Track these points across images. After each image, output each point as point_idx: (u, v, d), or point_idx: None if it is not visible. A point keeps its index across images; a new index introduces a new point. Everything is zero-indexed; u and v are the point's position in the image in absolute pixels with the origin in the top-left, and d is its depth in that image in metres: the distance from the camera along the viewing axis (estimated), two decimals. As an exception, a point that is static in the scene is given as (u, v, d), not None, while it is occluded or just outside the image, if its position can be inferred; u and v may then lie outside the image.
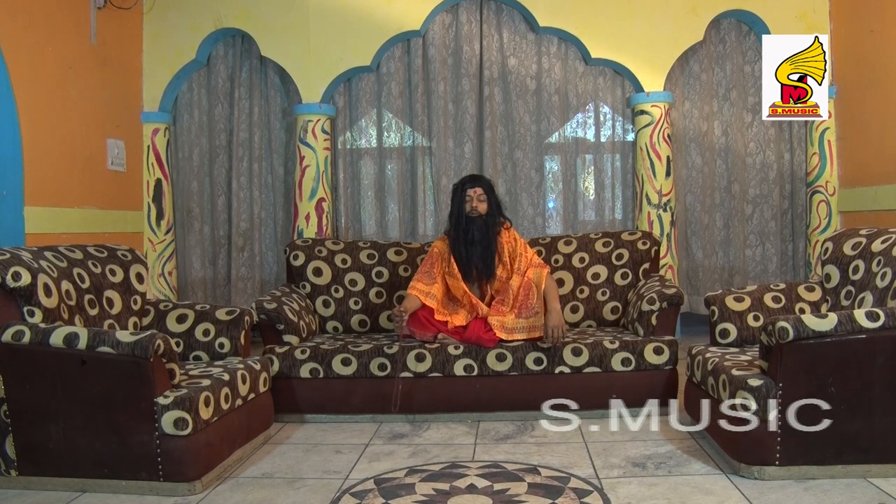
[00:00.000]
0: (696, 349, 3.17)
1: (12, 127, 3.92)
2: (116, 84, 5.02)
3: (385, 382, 3.41)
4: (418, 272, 3.63)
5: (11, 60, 3.90)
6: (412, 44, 5.39)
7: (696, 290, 5.38)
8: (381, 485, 2.58)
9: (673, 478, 2.61)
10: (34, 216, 3.96)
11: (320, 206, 5.23)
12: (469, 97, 5.38)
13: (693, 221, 5.43)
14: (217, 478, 2.70)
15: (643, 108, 5.16)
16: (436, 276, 3.60)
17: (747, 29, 5.33)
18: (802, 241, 5.36)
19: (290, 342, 3.56)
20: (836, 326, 2.43)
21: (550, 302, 3.44)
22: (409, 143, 5.49)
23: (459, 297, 3.62)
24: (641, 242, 4.03)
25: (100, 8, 4.73)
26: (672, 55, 5.16)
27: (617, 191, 5.49)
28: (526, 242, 3.75)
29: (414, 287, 3.57)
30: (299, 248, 4.10)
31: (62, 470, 2.57)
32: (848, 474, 2.49)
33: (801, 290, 3.25)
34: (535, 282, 3.52)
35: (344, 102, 5.48)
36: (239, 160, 5.47)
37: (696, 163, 5.42)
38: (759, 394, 2.49)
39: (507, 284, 3.58)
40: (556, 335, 3.33)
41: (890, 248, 2.88)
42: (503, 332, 3.44)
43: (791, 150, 5.36)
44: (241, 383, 2.90)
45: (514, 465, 2.76)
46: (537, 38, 5.37)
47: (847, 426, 2.47)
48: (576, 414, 3.35)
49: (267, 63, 5.41)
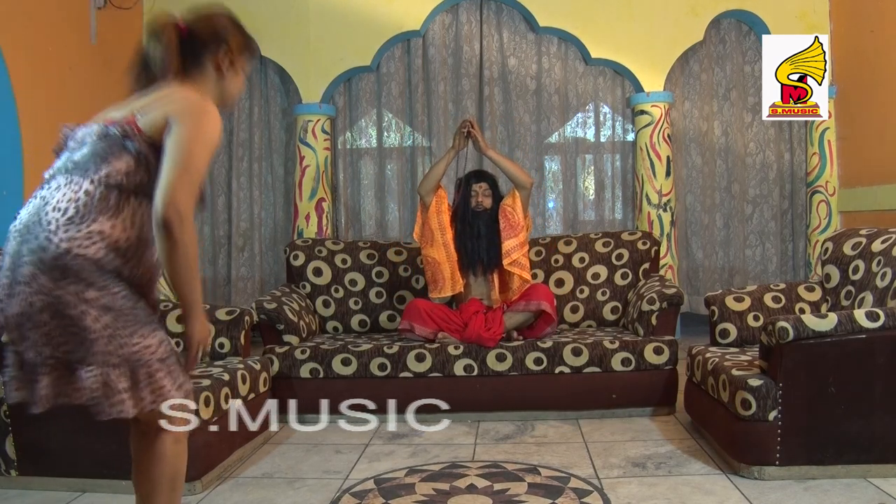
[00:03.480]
0: (696, 349, 3.17)
1: (12, 127, 3.92)
2: (116, 84, 4.99)
3: (385, 382, 3.42)
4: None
5: (11, 60, 3.90)
6: (412, 44, 5.39)
7: (696, 290, 5.38)
8: (381, 485, 2.58)
9: (673, 478, 2.61)
10: (34, 216, 3.96)
11: (320, 206, 5.23)
12: (469, 97, 5.38)
13: (693, 221, 5.43)
14: (217, 478, 2.70)
15: (643, 108, 5.16)
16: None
17: (747, 29, 5.33)
18: (802, 241, 5.36)
19: (290, 342, 3.56)
20: (836, 326, 2.43)
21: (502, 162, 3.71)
22: (409, 143, 5.49)
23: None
24: (641, 242, 4.03)
25: (100, 8, 4.72)
26: (672, 55, 5.16)
27: (617, 191, 5.49)
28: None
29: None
30: (299, 248, 4.10)
31: (62, 470, 2.57)
32: (848, 474, 2.49)
33: (801, 290, 3.25)
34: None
35: (344, 102, 5.48)
36: (239, 160, 5.47)
37: (696, 163, 5.42)
38: (759, 394, 2.49)
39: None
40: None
41: (890, 248, 2.88)
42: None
43: (791, 150, 5.36)
44: (241, 383, 2.90)
45: (514, 465, 2.76)
46: (537, 38, 5.37)
47: (847, 426, 2.47)
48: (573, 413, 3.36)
49: (267, 63, 5.41)
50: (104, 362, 1.55)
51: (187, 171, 1.56)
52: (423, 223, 3.70)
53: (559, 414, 3.44)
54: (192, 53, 1.73)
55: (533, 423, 3.36)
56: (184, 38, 1.72)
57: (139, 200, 1.62)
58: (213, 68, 1.75)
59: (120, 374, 1.57)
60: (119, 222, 1.59)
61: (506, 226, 3.62)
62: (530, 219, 3.84)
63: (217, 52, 1.75)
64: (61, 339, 1.55)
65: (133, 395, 1.58)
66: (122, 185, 1.60)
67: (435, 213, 3.67)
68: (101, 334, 1.55)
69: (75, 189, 1.60)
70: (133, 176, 1.61)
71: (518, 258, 3.59)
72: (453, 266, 3.64)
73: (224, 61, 1.76)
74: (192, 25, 1.73)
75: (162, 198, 1.53)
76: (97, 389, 1.55)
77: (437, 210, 3.68)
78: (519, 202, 3.67)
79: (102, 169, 1.61)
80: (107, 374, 1.55)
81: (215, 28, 1.75)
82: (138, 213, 1.62)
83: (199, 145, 1.59)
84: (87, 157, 1.63)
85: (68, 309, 1.53)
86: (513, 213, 3.64)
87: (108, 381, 1.55)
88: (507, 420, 3.42)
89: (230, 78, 1.78)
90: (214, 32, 1.75)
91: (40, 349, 1.56)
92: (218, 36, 1.75)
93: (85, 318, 1.53)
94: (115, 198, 1.60)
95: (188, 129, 1.58)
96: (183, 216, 1.53)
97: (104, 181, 1.60)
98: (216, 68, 1.75)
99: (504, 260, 3.59)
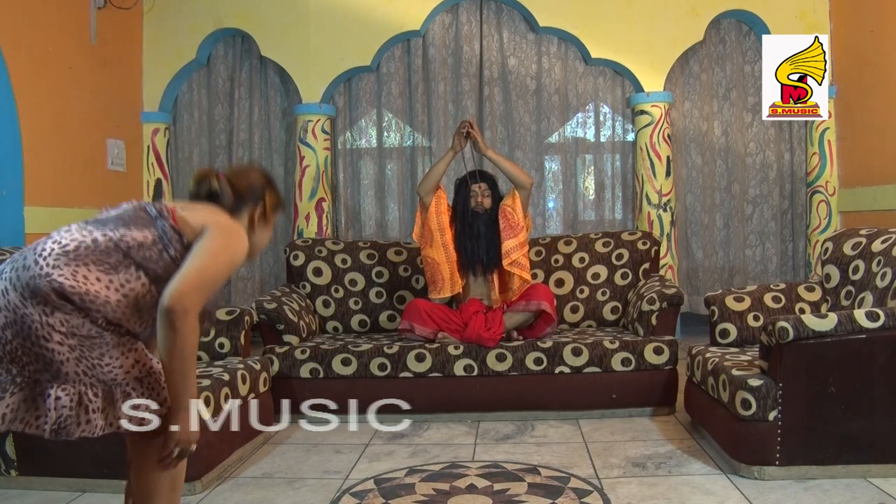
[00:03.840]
0: (696, 349, 3.17)
1: (12, 127, 3.92)
2: (116, 84, 5.02)
3: (385, 382, 3.41)
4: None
5: (11, 60, 3.90)
6: (412, 44, 5.39)
7: (696, 290, 5.37)
8: (381, 485, 2.58)
9: (673, 478, 2.61)
10: (34, 216, 3.96)
11: (320, 206, 5.23)
12: (469, 97, 5.38)
13: (693, 221, 5.43)
14: (217, 478, 2.70)
15: (643, 108, 5.16)
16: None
17: (747, 29, 5.33)
18: (802, 241, 5.36)
19: (290, 342, 3.56)
20: (836, 326, 2.43)
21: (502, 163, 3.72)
22: (409, 143, 5.49)
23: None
24: (641, 242, 4.03)
25: (100, 8, 4.72)
26: (672, 55, 5.16)
27: (617, 191, 5.49)
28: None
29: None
30: (299, 248, 4.10)
31: (62, 470, 2.57)
32: (848, 474, 2.49)
33: (801, 290, 3.25)
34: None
35: (344, 102, 5.48)
36: (239, 160, 5.47)
37: (696, 163, 5.42)
38: (759, 394, 2.49)
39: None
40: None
41: (890, 248, 2.88)
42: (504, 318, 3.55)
43: (791, 150, 5.36)
44: (241, 383, 2.90)
45: (514, 465, 2.76)
46: (537, 38, 5.37)
47: (847, 426, 2.47)
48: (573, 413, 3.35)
49: (267, 63, 5.41)
50: (78, 381, 1.55)
51: (205, 274, 1.63)
52: (423, 224, 3.70)
53: (559, 414, 3.44)
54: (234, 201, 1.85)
55: (533, 423, 3.36)
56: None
57: (138, 274, 1.63)
58: (247, 220, 1.86)
59: (94, 393, 1.57)
60: (109, 282, 1.59)
61: (505, 226, 3.62)
62: (530, 219, 3.83)
63: (253, 206, 1.87)
64: (26, 358, 1.55)
65: (105, 415, 1.59)
66: (131, 252, 1.62)
67: (434, 213, 3.67)
68: (69, 356, 1.54)
69: (85, 234, 1.62)
70: (146, 250, 1.64)
71: (518, 258, 3.59)
72: (452, 267, 3.64)
73: (258, 215, 1.88)
74: (232, 178, 1.87)
75: (173, 288, 1.57)
76: (71, 408, 1.54)
77: (437, 211, 3.68)
78: (519, 202, 3.67)
79: (120, 230, 1.64)
80: (82, 391, 1.56)
81: (252, 184, 1.88)
82: (134, 287, 1.62)
83: (223, 258, 1.68)
84: (112, 217, 1.69)
85: (33, 330, 1.53)
86: (512, 214, 3.64)
87: (82, 400, 1.56)
88: (507, 420, 3.42)
89: (260, 230, 1.90)
90: (251, 188, 1.88)
91: (8, 366, 1.56)
92: (254, 192, 1.88)
93: (50, 340, 1.53)
94: (116, 258, 1.61)
95: (219, 240, 1.69)
96: (188, 310, 1.57)
97: (115, 240, 1.62)
98: (249, 220, 1.87)
99: (504, 260, 3.59)
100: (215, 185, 1.82)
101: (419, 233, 3.72)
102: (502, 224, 3.63)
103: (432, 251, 3.65)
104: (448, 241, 3.65)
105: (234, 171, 1.91)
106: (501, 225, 3.63)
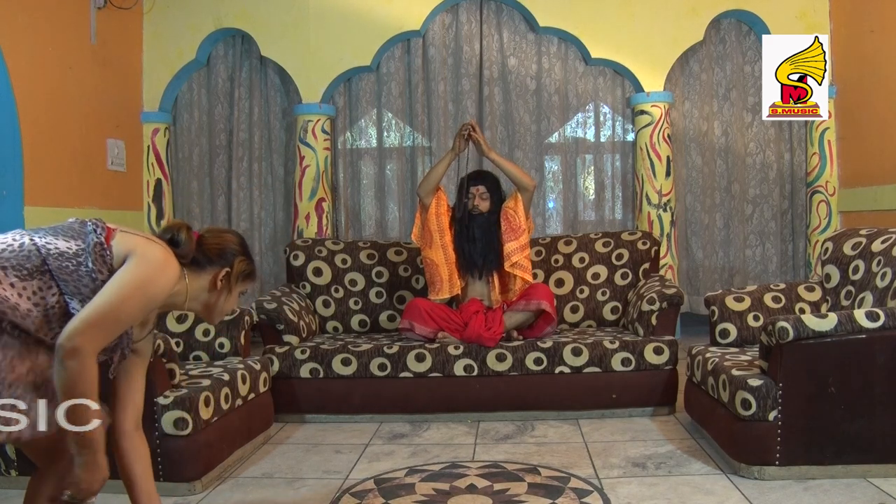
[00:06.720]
0: (696, 349, 3.17)
1: (12, 127, 3.92)
2: (116, 84, 5.02)
3: (385, 382, 3.42)
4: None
5: (11, 60, 3.90)
6: (412, 44, 5.39)
7: (696, 290, 5.38)
8: (381, 485, 2.58)
9: (673, 478, 2.61)
10: (34, 216, 3.96)
11: (320, 206, 5.23)
12: (469, 97, 5.38)
13: (693, 221, 5.43)
14: (217, 478, 2.70)
15: (643, 108, 5.16)
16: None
17: (747, 29, 5.33)
18: (802, 241, 5.36)
19: (290, 342, 3.56)
20: (836, 326, 2.43)
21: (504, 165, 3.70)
22: (409, 143, 5.49)
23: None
24: (641, 242, 4.03)
25: (100, 8, 4.72)
26: (672, 55, 5.16)
27: (617, 191, 5.49)
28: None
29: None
30: (299, 248, 4.10)
31: (62, 470, 2.56)
32: (848, 474, 2.49)
33: (801, 290, 3.25)
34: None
35: (344, 102, 5.48)
36: (239, 160, 5.47)
37: (696, 163, 5.42)
38: (759, 394, 2.49)
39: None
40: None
41: (890, 248, 2.88)
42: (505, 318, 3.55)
43: (791, 150, 5.36)
44: (241, 383, 2.90)
45: (514, 465, 2.76)
46: (537, 38, 5.37)
47: (847, 426, 2.47)
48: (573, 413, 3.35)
49: (267, 63, 5.41)
50: None
51: (108, 315, 1.56)
52: (423, 224, 3.70)
53: (559, 414, 3.44)
54: (196, 259, 1.80)
55: (533, 423, 3.36)
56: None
57: (51, 283, 1.58)
58: (209, 280, 1.81)
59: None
60: (23, 288, 1.55)
61: (507, 228, 3.62)
62: (532, 221, 3.83)
63: (220, 268, 1.82)
64: None
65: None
66: (49, 260, 1.58)
67: (434, 214, 3.66)
68: None
69: (16, 238, 1.62)
70: (65, 260, 1.60)
71: (519, 260, 3.59)
72: (451, 268, 3.64)
73: (221, 277, 1.82)
74: (205, 235, 1.85)
75: (71, 328, 1.52)
76: None
77: (437, 212, 3.67)
78: (521, 204, 3.66)
79: (48, 237, 1.63)
80: None
81: (224, 246, 1.84)
82: (45, 296, 1.57)
83: (135, 296, 1.61)
84: (48, 227, 1.68)
85: None
86: (514, 216, 3.63)
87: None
88: (507, 420, 3.42)
89: (223, 295, 1.85)
90: (222, 249, 1.83)
91: None
92: (224, 254, 1.83)
93: None
94: (34, 264, 1.58)
95: (136, 273, 1.62)
96: (78, 350, 1.51)
97: (38, 245, 1.60)
98: (212, 281, 1.82)
99: (505, 262, 3.58)
100: (181, 235, 1.77)
101: (418, 233, 3.72)
102: (504, 226, 3.63)
103: (431, 252, 3.65)
104: (447, 242, 3.65)
105: (211, 230, 1.89)
106: (503, 227, 3.63)
